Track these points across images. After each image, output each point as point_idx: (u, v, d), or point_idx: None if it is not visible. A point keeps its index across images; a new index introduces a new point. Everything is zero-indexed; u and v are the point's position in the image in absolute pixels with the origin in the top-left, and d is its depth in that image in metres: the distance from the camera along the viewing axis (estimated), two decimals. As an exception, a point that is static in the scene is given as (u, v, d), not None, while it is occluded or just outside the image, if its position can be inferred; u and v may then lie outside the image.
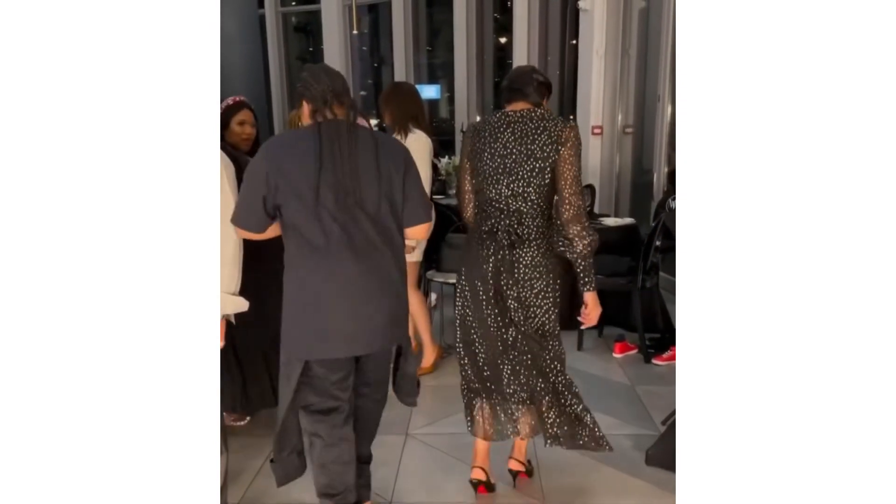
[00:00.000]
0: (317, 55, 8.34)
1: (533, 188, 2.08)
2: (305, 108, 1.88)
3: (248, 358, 2.72)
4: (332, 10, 7.73)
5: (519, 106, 2.13)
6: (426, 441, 2.77)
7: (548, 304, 2.15)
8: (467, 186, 2.22)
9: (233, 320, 2.10)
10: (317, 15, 7.99)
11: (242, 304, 2.00)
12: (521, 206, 2.10)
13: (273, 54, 8.36)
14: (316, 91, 1.85)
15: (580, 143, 2.10)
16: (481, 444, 2.35)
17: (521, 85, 2.14)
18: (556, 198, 2.12)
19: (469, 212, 2.24)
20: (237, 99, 2.68)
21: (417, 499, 2.38)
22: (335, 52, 7.75)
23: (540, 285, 2.13)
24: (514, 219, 2.10)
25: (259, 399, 2.94)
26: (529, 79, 2.14)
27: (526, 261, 2.11)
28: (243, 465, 2.58)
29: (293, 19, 8.81)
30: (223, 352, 2.19)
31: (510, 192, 2.09)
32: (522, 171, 2.07)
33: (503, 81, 2.25)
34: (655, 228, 3.63)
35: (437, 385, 3.29)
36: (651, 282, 3.67)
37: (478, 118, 6.43)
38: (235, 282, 1.99)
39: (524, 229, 2.10)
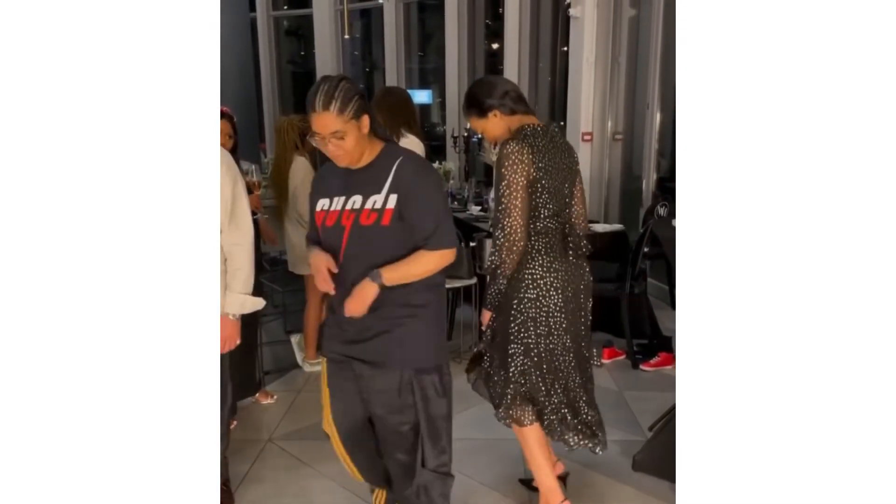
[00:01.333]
0: (308, 60, 8.34)
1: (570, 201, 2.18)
2: (365, 122, 1.75)
3: (235, 361, 2.71)
4: (324, 15, 7.72)
5: (535, 120, 2.15)
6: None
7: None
8: (523, 205, 2.03)
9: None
10: (309, 19, 7.97)
11: (260, 303, 2.11)
12: (572, 219, 2.18)
13: (264, 58, 8.33)
14: (369, 106, 1.78)
15: None
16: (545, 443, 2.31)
17: (525, 100, 2.19)
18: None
19: (522, 232, 2.05)
20: None
21: None
22: (327, 56, 7.74)
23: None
24: (578, 231, 2.18)
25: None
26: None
27: (588, 272, 2.22)
28: (231, 470, 2.56)
29: (285, 23, 8.80)
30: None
31: (567, 205, 2.15)
32: (570, 185, 2.15)
33: (503, 84, 2.15)
34: (644, 235, 3.65)
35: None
36: (639, 288, 3.70)
37: (473, 133, 6.44)
38: (251, 283, 2.08)
39: (583, 240, 2.18)
